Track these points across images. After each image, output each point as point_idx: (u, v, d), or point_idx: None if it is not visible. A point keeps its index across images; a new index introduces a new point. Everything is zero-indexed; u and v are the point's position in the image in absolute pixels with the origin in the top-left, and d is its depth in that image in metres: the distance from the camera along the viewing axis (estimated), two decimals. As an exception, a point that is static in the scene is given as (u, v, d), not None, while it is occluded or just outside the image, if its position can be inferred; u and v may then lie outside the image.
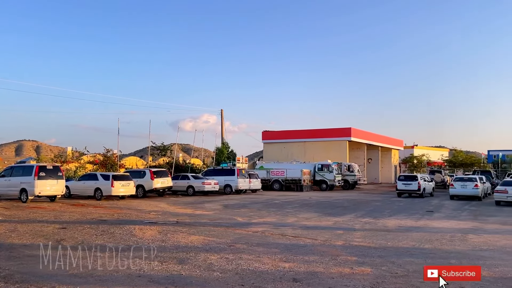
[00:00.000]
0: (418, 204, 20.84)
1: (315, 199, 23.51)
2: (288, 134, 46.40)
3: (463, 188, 23.84)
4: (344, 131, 42.45)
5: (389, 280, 6.51)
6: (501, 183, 22.60)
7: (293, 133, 46.07)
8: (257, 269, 7.06)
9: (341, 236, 10.75)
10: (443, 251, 9.03)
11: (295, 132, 46.17)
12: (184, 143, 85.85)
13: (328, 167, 33.76)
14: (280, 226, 12.48)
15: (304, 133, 45.39)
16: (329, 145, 42.34)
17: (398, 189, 26.33)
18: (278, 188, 32.65)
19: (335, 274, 6.80)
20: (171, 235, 10.40)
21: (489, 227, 13.03)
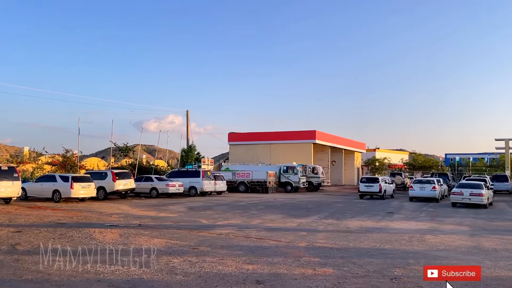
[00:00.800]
0: (379, 206, 21.41)
1: (280, 201, 23.69)
2: (254, 136, 46.56)
3: (422, 190, 24.69)
4: (309, 134, 43.05)
5: (350, 280, 6.64)
6: (457, 185, 23.59)
7: (259, 135, 46.28)
8: (221, 272, 7.01)
9: (305, 238, 10.87)
10: (402, 251, 9.31)
11: (261, 134, 46.39)
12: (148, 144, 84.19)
13: (293, 169, 34.13)
14: (245, 228, 12.48)
15: (270, 135, 45.69)
16: (294, 147, 42.79)
17: (360, 191, 26.95)
18: (244, 190, 32.65)
19: (298, 275, 6.86)
20: (133, 238, 10.17)
21: (445, 227, 13.55)
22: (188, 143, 43.47)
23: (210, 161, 40.23)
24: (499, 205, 23.19)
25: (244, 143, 45.93)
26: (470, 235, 12.00)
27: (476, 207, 20.46)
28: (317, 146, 44.16)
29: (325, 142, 44.57)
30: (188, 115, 43.49)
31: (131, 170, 30.10)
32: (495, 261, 8.34)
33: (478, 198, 20.36)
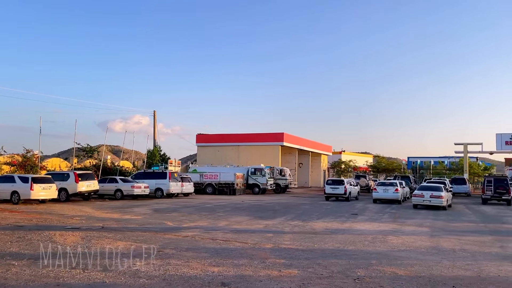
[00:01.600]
0: (344, 207, 21.81)
1: (247, 203, 23.71)
2: (223, 137, 46.45)
3: (385, 192, 25.36)
4: (277, 136, 43.38)
5: (314, 281, 6.73)
6: (418, 187, 24.39)
7: (228, 137, 46.21)
8: (186, 274, 6.94)
9: (271, 239, 10.92)
10: (365, 252, 9.52)
11: (229, 136, 46.33)
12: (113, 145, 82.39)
13: (261, 171, 34.28)
14: (211, 230, 12.41)
15: (238, 137, 45.71)
16: (262, 150, 43.00)
17: (326, 192, 27.38)
18: (211, 191, 32.47)
19: (263, 277, 6.88)
20: (96, 241, 9.91)
21: (406, 229, 13.97)
22: (155, 144, 42.84)
23: (177, 162, 39.78)
24: (457, 207, 24.13)
25: (212, 144, 45.73)
26: (430, 236, 12.42)
27: (436, 208, 21.21)
28: (284, 149, 44.54)
29: (292, 144, 45.03)
30: (155, 116, 42.87)
31: (95, 171, 29.31)
32: (453, 261, 8.67)
33: (438, 200, 21.12)
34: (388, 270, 7.66)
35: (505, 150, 45.08)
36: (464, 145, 45.65)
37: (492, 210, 22.34)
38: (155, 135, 43.09)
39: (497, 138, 43.75)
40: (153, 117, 42.94)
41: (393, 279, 7.02)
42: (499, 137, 43.69)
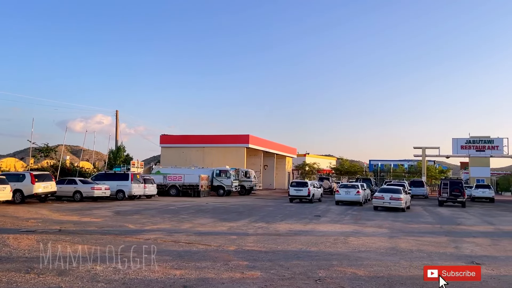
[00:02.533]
0: (308, 209, 22.09)
1: (211, 205, 23.56)
2: (187, 138, 45.97)
3: (347, 194, 25.90)
4: (242, 138, 43.39)
5: (276, 282, 6.77)
6: (378, 190, 25.06)
7: (192, 138, 45.77)
8: (146, 278, 6.80)
9: (235, 241, 10.90)
10: (326, 253, 9.68)
11: (194, 137, 45.91)
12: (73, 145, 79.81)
13: (226, 172, 34.16)
14: (174, 233, 12.23)
15: (203, 138, 45.38)
16: (227, 151, 42.88)
17: (290, 194, 27.64)
18: (175, 193, 32.03)
19: (225, 280, 6.86)
20: (52, 245, 9.53)
21: (367, 230, 14.32)
22: (117, 144, 41.82)
23: (140, 163, 39.01)
24: (415, 208, 24.98)
25: (177, 145, 45.17)
26: (389, 237, 12.78)
27: (395, 210, 21.87)
28: (250, 150, 44.62)
29: (258, 146, 45.19)
30: (117, 115, 41.85)
31: (52, 172, 28.26)
32: (410, 261, 8.96)
33: (397, 202, 21.78)
34: (349, 270, 7.81)
35: (460, 154, 47.30)
36: (423, 149, 47.45)
37: (447, 211, 23.28)
38: (117, 135, 42.07)
39: (453, 143, 45.81)
40: (115, 117, 41.91)
41: (353, 279, 7.17)
42: (455, 141, 45.75)
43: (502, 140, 44.48)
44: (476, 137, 45.43)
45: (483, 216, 20.92)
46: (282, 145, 53.08)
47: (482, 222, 18.07)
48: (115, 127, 42.25)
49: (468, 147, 45.21)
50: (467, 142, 45.36)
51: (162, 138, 46.23)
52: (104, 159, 46.54)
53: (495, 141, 44.66)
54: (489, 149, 44.73)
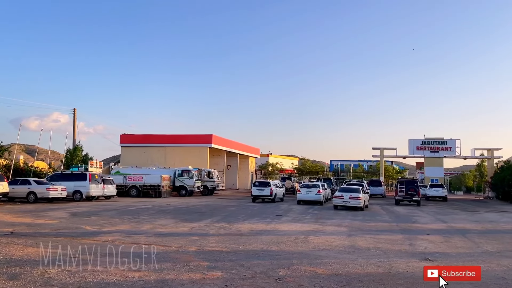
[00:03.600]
0: (270, 209, 22.25)
1: (173, 205, 23.26)
2: (149, 138, 45.12)
3: (308, 194, 26.30)
4: (206, 138, 43.11)
5: (237, 282, 6.78)
6: (338, 189, 25.62)
7: (154, 138, 44.98)
8: (103, 281, 6.62)
9: (196, 242, 10.82)
10: (287, 252, 9.80)
11: (156, 137, 45.13)
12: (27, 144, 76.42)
13: (189, 173, 33.80)
14: (133, 234, 11.98)
15: (165, 138, 44.68)
16: (190, 151, 42.45)
17: (253, 194, 27.74)
18: (136, 194, 31.37)
19: (185, 281, 6.79)
20: (3, 248, 9.10)
21: (327, 229, 14.61)
22: (74, 144, 40.46)
23: (99, 163, 37.92)
24: (373, 207, 25.73)
25: (138, 145, 44.24)
26: (347, 235, 13.10)
27: (355, 209, 22.43)
28: (213, 150, 44.40)
29: (221, 146, 45.04)
30: (75, 114, 40.51)
31: (4, 172, 26.95)
32: (367, 258, 9.22)
33: (356, 202, 22.35)
34: (308, 269, 7.94)
35: (416, 155, 49.15)
36: (381, 149, 48.95)
37: (403, 210, 24.13)
38: (74, 134, 40.72)
39: (409, 144, 47.53)
40: (73, 115, 40.52)
41: (313, 277, 7.30)
42: (411, 142, 47.49)
43: (454, 142, 46.62)
44: (431, 139, 47.36)
45: (436, 215, 21.83)
46: (245, 145, 53.20)
47: (436, 220, 18.85)
48: (73, 126, 40.90)
49: (423, 148, 47.06)
50: (422, 143, 47.19)
51: (122, 138, 45.13)
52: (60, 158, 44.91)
53: (448, 142, 46.74)
54: (442, 150, 46.77)
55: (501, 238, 13.32)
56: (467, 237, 13.32)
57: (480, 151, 50.08)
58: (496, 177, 40.62)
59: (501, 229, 16.22)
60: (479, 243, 12.10)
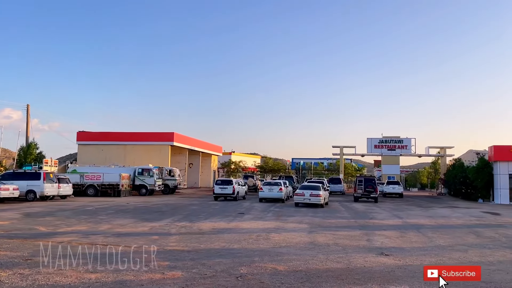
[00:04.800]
0: (232, 207, 22.25)
1: (133, 205, 22.76)
2: (107, 136, 43.84)
3: (270, 191, 26.51)
4: (167, 136, 42.44)
5: (198, 281, 6.73)
6: (300, 187, 26.00)
7: (113, 135, 43.75)
8: (58, 283, 6.39)
9: (156, 242, 10.64)
10: (248, 250, 9.83)
11: (115, 134, 43.92)
12: (-24, 141, 72.09)
13: (149, 171, 33.17)
14: (91, 235, 11.62)
15: (125, 135, 43.58)
16: (151, 149, 41.67)
17: (215, 193, 27.63)
18: (93, 193, 30.41)
19: (145, 281, 6.67)
20: None
21: (288, 226, 14.79)
22: (27, 141, 38.71)
23: (54, 162, 36.52)
24: (333, 204, 26.29)
25: (96, 143, 42.89)
26: (308, 232, 13.32)
27: (315, 206, 22.85)
28: (174, 149, 43.79)
29: (183, 144, 44.50)
30: (28, 110, 38.78)
31: (-50, 171, 25.34)
32: (327, 254, 9.42)
33: (316, 199, 22.77)
34: (269, 266, 8.01)
35: (374, 153, 50.68)
36: (340, 148, 50.10)
37: (362, 207, 24.82)
38: (28, 132, 38.96)
39: (368, 142, 48.93)
40: (26, 112, 38.75)
41: (273, 274, 7.37)
42: (369, 141, 48.90)
43: (410, 140, 48.43)
44: (388, 137, 48.96)
45: (392, 211, 22.62)
46: (207, 143, 52.84)
47: (392, 216, 19.53)
48: (26, 123, 39.16)
49: (380, 146, 48.58)
50: (380, 141, 48.70)
51: (79, 135, 43.60)
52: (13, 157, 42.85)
53: (404, 141, 48.49)
54: (399, 148, 48.46)
55: (453, 233, 13.99)
56: (421, 232, 13.89)
57: (434, 149, 52.30)
58: (448, 174, 42.59)
59: (452, 224, 17.03)
60: (432, 238, 12.65)
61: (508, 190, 32.40)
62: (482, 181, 33.66)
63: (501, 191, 32.45)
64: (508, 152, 32.56)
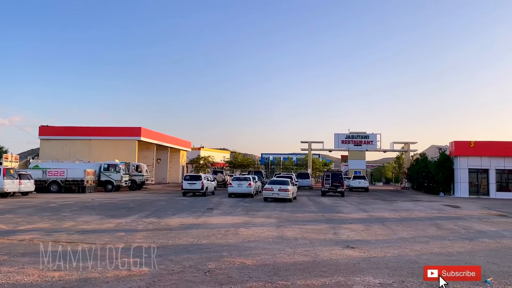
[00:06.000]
0: (201, 203, 22.13)
1: (98, 201, 22.23)
2: (72, 130, 42.54)
3: (239, 187, 26.55)
4: (134, 131, 41.63)
5: (165, 277, 6.68)
6: (268, 182, 26.14)
7: (77, 130, 42.50)
8: (19, 282, 6.18)
9: (122, 238, 10.46)
10: (217, 245, 9.83)
11: (79, 129, 42.68)
12: None
13: (115, 167, 32.45)
14: (54, 232, 11.29)
15: (90, 130, 42.41)
16: (117, 144, 40.75)
17: (183, 188, 27.38)
18: (57, 189, 29.50)
19: (110, 278, 6.55)
20: None
21: (257, 221, 14.87)
22: (-14, 136, 36.98)
23: (15, 157, 35.12)
24: (301, 199, 26.62)
25: (59, 138, 41.53)
26: (276, 226, 13.45)
27: (284, 201, 23.07)
28: (142, 144, 43.04)
29: (150, 139, 43.79)
30: (-13, 103, 36.97)
31: None
32: (294, 248, 9.55)
33: (285, 193, 23.00)
34: (238, 261, 8.05)
35: (341, 148, 51.58)
36: (309, 143, 50.70)
37: (329, 201, 25.27)
38: (-14, 126, 37.17)
39: (335, 138, 49.72)
40: (-16, 105, 36.97)
41: (241, 269, 7.41)
42: (337, 136, 49.71)
43: (375, 136, 49.58)
44: (355, 133, 49.94)
45: (358, 205, 23.15)
46: (176, 138, 52.22)
47: (358, 210, 19.99)
48: (-16, 116, 37.31)
49: (347, 142, 49.50)
50: (347, 137, 49.61)
51: (41, 130, 42.08)
52: (-31, 152, 40.93)
53: (370, 136, 49.60)
54: (365, 144, 49.54)
55: (415, 225, 14.48)
56: (385, 225, 14.30)
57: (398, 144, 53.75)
58: (412, 169, 43.95)
59: (415, 216, 17.62)
60: (396, 230, 13.04)
61: (467, 184, 33.86)
62: (443, 175, 34.96)
63: (461, 185, 33.87)
64: (468, 147, 33.98)
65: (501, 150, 33.82)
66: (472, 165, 33.98)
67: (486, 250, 10.03)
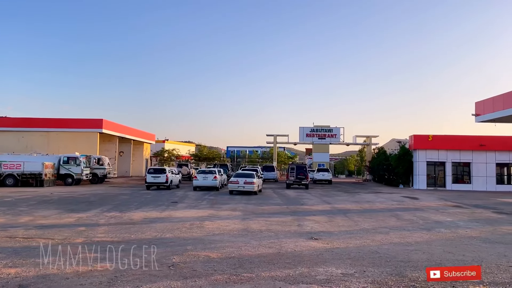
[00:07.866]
0: (165, 196, 21.83)
1: (57, 195, 21.48)
2: (28, 122, 40.74)
3: (205, 180, 26.38)
4: (95, 123, 40.39)
5: (128, 272, 6.54)
6: (234, 175, 26.16)
7: (35, 121, 40.75)
8: (-29, 282, 5.87)
9: (83, 233, 10.17)
10: (181, 238, 9.74)
11: (37, 120, 40.93)
12: None
13: (75, 160, 31.41)
14: (10, 228, 10.82)
15: (48, 122, 40.76)
16: (77, 136, 39.45)
17: (147, 182, 26.91)
18: (13, 183, 28.24)
19: (70, 274, 6.35)
20: None
21: (222, 214, 14.84)
22: None
23: (-33, 149, 33.23)
24: (266, 191, 26.79)
25: (15, 129, 39.73)
26: (241, 219, 13.47)
27: (249, 194, 23.15)
28: (104, 136, 41.86)
29: (113, 132, 42.66)
30: None
31: None
32: (260, 240, 9.61)
33: (250, 186, 23.08)
34: (202, 254, 8.00)
35: (306, 142, 52.24)
36: (274, 136, 51.01)
37: (293, 193, 25.57)
38: None
39: (300, 131, 50.28)
40: None
41: (206, 262, 7.37)
42: (301, 130, 50.28)
43: (339, 129, 50.53)
44: (319, 126, 50.69)
45: (322, 197, 23.57)
46: (139, 130, 51.13)
47: (321, 202, 20.35)
48: None
49: (312, 135, 50.18)
50: (311, 130, 50.28)
51: (-4, 121, 40.08)
52: None
53: (333, 130, 50.49)
54: (329, 137, 50.40)
55: (376, 216, 14.91)
56: (348, 217, 14.65)
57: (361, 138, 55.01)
58: (373, 162, 45.20)
59: (376, 208, 18.15)
60: (358, 222, 13.38)
61: (425, 176, 35.20)
62: (403, 168, 36.18)
63: (420, 177, 35.18)
64: (426, 140, 35.30)
65: (457, 144, 35.36)
66: (430, 158, 35.32)
67: (443, 239, 10.47)
